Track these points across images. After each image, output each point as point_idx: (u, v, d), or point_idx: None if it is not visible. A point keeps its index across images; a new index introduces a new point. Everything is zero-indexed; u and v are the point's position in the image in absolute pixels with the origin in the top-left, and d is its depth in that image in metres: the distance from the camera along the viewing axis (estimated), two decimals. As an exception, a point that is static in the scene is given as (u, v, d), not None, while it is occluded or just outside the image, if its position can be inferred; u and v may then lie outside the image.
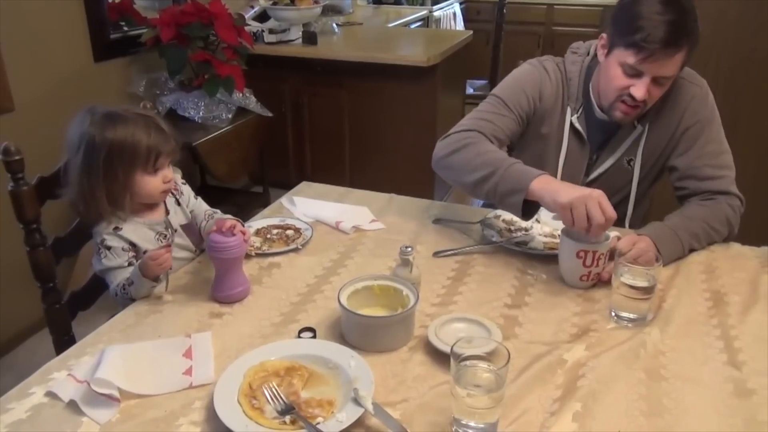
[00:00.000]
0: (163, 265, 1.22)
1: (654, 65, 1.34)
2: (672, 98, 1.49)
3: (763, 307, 1.23)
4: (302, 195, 1.73)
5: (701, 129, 1.49)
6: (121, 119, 1.29)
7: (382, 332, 1.10)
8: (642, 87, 1.36)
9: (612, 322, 1.19)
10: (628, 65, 1.37)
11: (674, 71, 1.38)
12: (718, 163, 1.49)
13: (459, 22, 5.39)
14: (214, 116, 2.69)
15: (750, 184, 2.53)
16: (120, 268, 1.30)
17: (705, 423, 0.94)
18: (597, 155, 1.58)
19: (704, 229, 1.42)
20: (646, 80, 1.36)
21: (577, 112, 1.55)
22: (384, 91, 3.21)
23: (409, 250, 1.21)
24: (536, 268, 1.37)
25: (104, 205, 1.28)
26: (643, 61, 1.34)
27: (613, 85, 1.41)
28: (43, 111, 2.33)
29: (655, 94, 1.41)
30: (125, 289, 1.27)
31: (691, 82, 1.52)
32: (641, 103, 1.40)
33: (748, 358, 1.08)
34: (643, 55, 1.33)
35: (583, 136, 1.55)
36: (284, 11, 3.34)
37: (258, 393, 0.97)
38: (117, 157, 1.27)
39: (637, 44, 1.33)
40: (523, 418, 0.94)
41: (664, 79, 1.39)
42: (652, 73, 1.36)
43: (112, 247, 1.30)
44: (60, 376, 1.03)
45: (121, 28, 2.72)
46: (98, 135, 1.26)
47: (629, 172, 1.57)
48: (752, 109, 2.46)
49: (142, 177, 1.31)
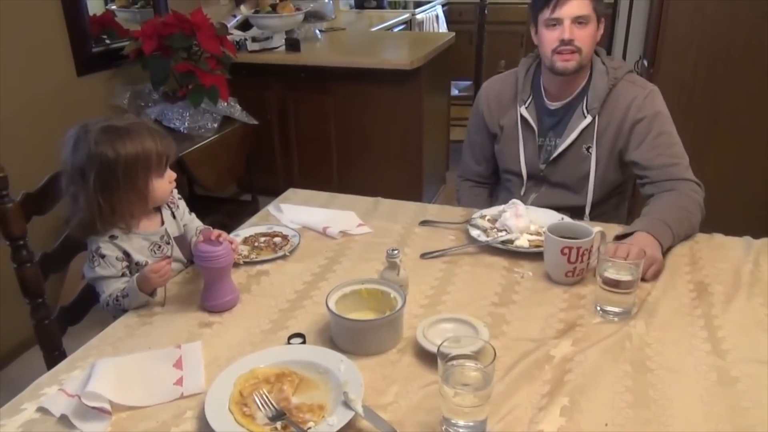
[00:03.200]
0: (164, 277, 1.25)
1: (565, 8, 1.56)
2: (615, 94, 1.64)
3: (745, 297, 1.25)
4: (289, 202, 1.74)
5: (650, 124, 1.60)
6: (125, 132, 1.29)
7: (370, 335, 1.11)
8: (566, 30, 1.57)
9: (598, 316, 1.21)
10: (547, 20, 1.59)
11: (587, 10, 1.57)
12: (671, 152, 1.60)
13: (442, 24, 5.42)
14: (199, 126, 2.69)
15: (731, 176, 2.59)
16: (113, 278, 1.31)
17: (690, 412, 0.96)
18: (554, 141, 1.71)
19: (683, 214, 1.48)
20: (567, 23, 1.57)
21: (525, 103, 1.73)
22: (369, 95, 3.22)
23: (395, 253, 1.22)
24: (522, 266, 1.39)
25: (126, 217, 1.31)
26: (554, 10, 1.57)
27: (546, 43, 1.61)
28: (27, 128, 2.33)
29: (582, 36, 1.58)
30: (118, 301, 1.28)
31: (635, 84, 1.66)
32: (573, 47, 1.58)
33: (731, 347, 1.10)
34: (552, 4, 1.56)
35: (530, 123, 1.72)
36: (266, 19, 3.35)
37: (249, 400, 0.97)
38: (133, 168, 1.28)
39: (546, 1, 1.57)
40: (512, 414, 0.96)
41: (582, 18, 1.57)
42: (568, 15, 1.56)
43: (107, 255, 1.31)
44: (51, 391, 1.03)
45: (103, 42, 2.73)
46: (110, 152, 1.26)
47: (589, 158, 1.68)
48: (731, 101, 2.50)
49: (157, 182, 1.34)
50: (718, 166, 2.57)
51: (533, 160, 1.74)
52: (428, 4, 5.19)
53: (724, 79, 2.48)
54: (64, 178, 1.31)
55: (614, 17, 3.46)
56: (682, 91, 2.54)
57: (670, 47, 2.51)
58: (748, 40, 2.40)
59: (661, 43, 2.53)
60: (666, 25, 2.49)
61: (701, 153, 2.55)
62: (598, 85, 1.64)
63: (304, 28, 3.63)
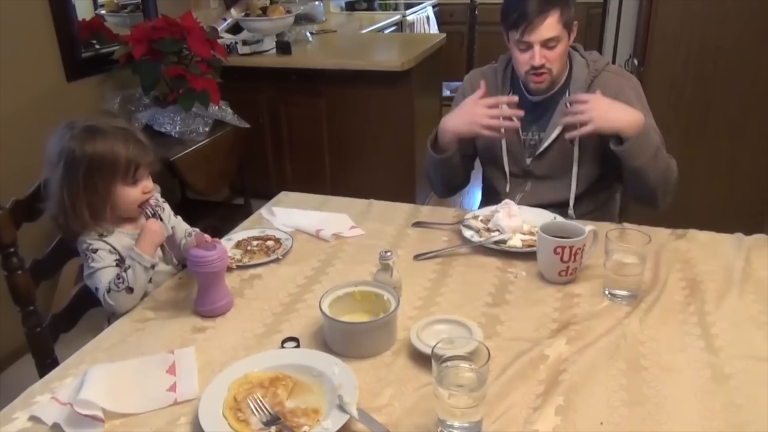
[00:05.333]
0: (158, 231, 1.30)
1: (534, 34, 1.55)
2: (598, 84, 1.64)
3: (737, 293, 1.25)
4: (281, 205, 1.74)
5: (635, 106, 1.59)
6: (100, 132, 1.30)
7: (364, 338, 1.11)
8: (535, 55, 1.57)
9: (606, 300, 1.25)
10: (518, 42, 1.59)
11: (556, 32, 1.56)
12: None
13: (433, 25, 5.43)
14: (190, 130, 2.68)
15: (723, 174, 2.60)
16: (108, 267, 1.31)
17: (684, 409, 0.96)
18: (538, 136, 1.72)
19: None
20: (537, 48, 1.57)
21: None
22: (360, 97, 3.22)
23: (388, 254, 1.22)
24: (516, 266, 1.39)
25: (86, 217, 1.30)
26: (524, 34, 1.56)
27: (519, 64, 1.64)
28: (16, 134, 2.31)
29: (552, 57, 1.59)
30: (120, 278, 1.26)
31: (617, 75, 1.69)
32: (543, 69, 1.60)
33: (724, 344, 1.11)
34: (521, 29, 1.56)
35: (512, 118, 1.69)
36: (257, 22, 3.34)
37: (243, 405, 0.97)
38: (97, 170, 1.29)
39: (514, 23, 1.57)
40: (507, 414, 0.96)
41: (551, 41, 1.57)
42: (537, 40, 1.56)
43: (99, 249, 1.31)
44: (43, 400, 1.02)
45: (93, 46, 2.72)
46: (78, 149, 1.28)
47: (572, 151, 1.69)
48: (722, 99, 2.51)
49: (122, 189, 1.32)
50: (709, 164, 2.59)
51: (517, 156, 1.75)
52: (419, 6, 5.20)
53: (714, 78, 2.49)
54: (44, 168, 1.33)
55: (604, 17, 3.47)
56: (672, 89, 2.55)
57: (660, 46, 2.53)
58: (737, 38, 2.41)
59: (651, 42, 2.54)
60: (655, 23, 2.50)
61: (692, 151, 2.57)
62: (579, 77, 1.66)
63: (294, 31, 3.63)
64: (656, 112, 1.65)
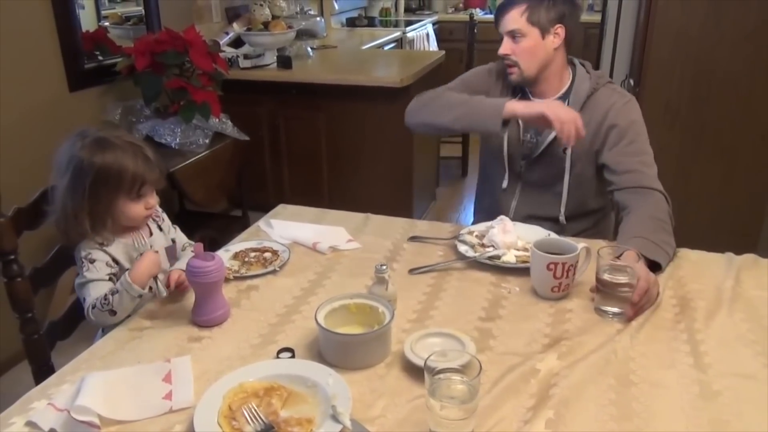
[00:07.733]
0: (153, 262, 1.30)
1: (501, 24, 1.71)
2: (596, 97, 1.70)
3: (727, 312, 1.27)
4: (279, 217, 1.76)
5: (625, 130, 1.65)
6: (110, 145, 1.32)
7: (359, 349, 1.12)
8: (503, 45, 1.71)
9: (597, 316, 1.27)
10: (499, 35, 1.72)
11: (518, 25, 1.67)
12: (640, 160, 1.64)
13: (432, 42, 5.49)
14: (190, 142, 2.70)
15: (715, 194, 2.62)
16: (100, 281, 1.32)
17: (672, 425, 0.98)
18: (535, 139, 1.77)
19: (659, 225, 1.50)
20: (505, 38, 1.71)
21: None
22: (359, 113, 3.25)
23: (383, 268, 1.24)
24: (509, 282, 1.41)
25: (86, 226, 1.31)
26: (497, 26, 1.73)
27: None
28: (19, 143, 2.34)
29: (517, 50, 1.69)
30: (107, 299, 1.27)
31: (615, 92, 1.73)
32: (510, 61, 1.71)
33: (713, 361, 1.12)
34: (496, 21, 1.73)
35: None
36: (258, 37, 3.38)
37: (238, 414, 0.98)
38: (102, 182, 1.30)
39: (495, 18, 1.74)
40: (498, 427, 0.97)
41: (515, 32, 1.68)
42: (503, 30, 1.70)
43: (96, 260, 1.33)
44: (40, 406, 1.03)
45: (96, 58, 2.75)
46: (86, 159, 1.30)
47: (564, 159, 1.72)
48: (716, 120, 2.54)
49: (125, 202, 1.34)
50: (702, 184, 2.61)
51: (514, 156, 1.80)
52: (419, 23, 5.26)
53: (708, 99, 2.53)
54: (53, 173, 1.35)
55: (601, 37, 3.51)
56: (667, 110, 2.58)
57: (655, 67, 2.56)
58: (731, 60, 2.45)
59: (647, 62, 2.58)
60: (651, 45, 2.54)
61: (686, 171, 2.60)
62: (580, 87, 1.72)
63: (295, 46, 3.67)
64: (651, 132, 1.68)
